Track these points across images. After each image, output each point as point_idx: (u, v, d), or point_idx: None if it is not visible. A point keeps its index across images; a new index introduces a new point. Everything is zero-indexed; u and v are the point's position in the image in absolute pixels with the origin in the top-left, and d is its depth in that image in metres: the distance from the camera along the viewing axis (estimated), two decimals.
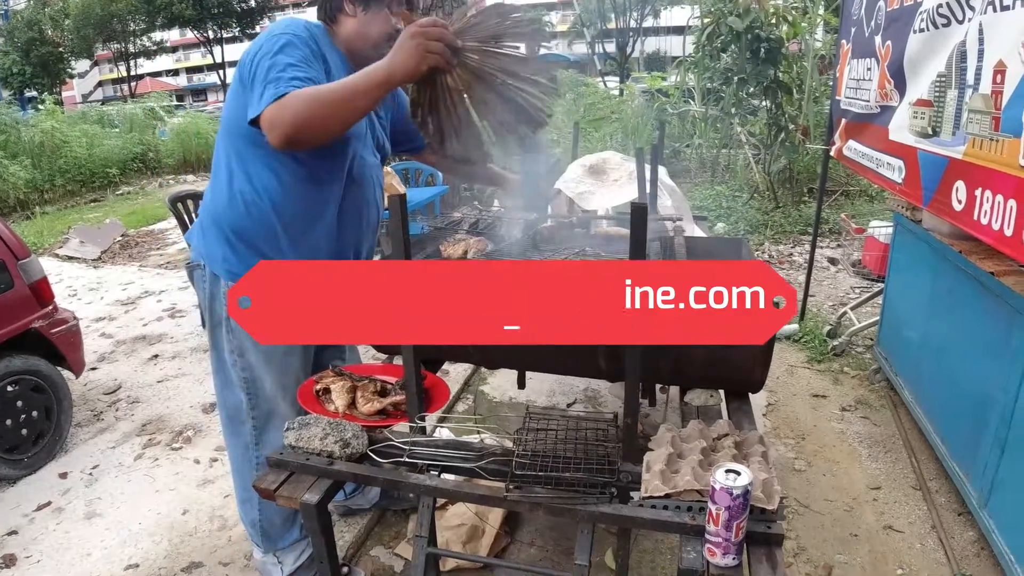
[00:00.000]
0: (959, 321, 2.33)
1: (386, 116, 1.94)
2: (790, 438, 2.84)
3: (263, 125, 1.43)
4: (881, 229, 3.38)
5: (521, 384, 2.70)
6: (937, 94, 2.08)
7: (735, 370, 1.54)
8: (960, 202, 1.93)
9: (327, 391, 1.71)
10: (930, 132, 2.15)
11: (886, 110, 2.59)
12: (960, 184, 1.92)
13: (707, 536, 1.13)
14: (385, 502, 2.43)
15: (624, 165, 3.08)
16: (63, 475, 2.76)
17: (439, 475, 1.44)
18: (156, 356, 3.98)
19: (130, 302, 5.01)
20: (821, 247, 4.22)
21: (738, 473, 1.10)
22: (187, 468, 2.79)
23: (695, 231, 2.63)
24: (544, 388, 3.35)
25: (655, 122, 7.66)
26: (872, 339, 3.56)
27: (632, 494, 1.32)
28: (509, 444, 1.48)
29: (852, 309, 3.78)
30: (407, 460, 1.43)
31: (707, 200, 6.75)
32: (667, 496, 1.25)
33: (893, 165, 2.50)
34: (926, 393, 2.62)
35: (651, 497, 1.25)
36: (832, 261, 5.14)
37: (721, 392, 1.73)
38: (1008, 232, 1.64)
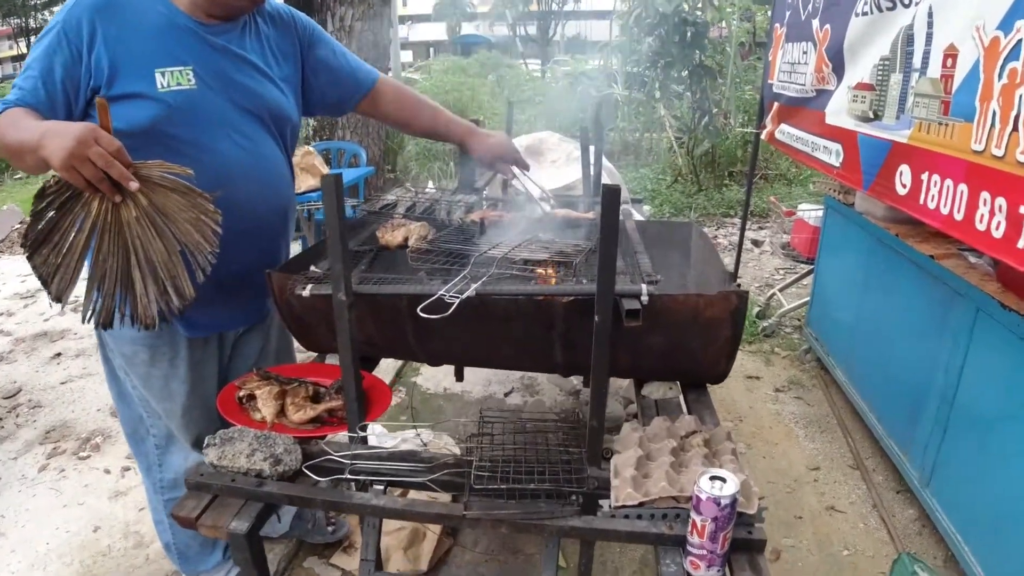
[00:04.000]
0: (894, 302, 2.36)
1: (286, 84, 1.58)
2: (728, 420, 2.84)
3: None
4: (811, 212, 3.43)
5: (459, 376, 2.57)
6: (880, 78, 2.07)
7: (698, 362, 1.47)
8: (904, 186, 1.92)
9: (252, 397, 1.52)
10: (871, 116, 2.14)
11: (823, 94, 2.59)
12: (905, 168, 1.92)
13: (689, 548, 1.05)
14: (298, 532, 2.12)
15: (562, 146, 2.99)
16: None
17: (384, 490, 1.30)
18: (59, 355, 3.62)
19: (29, 295, 4.57)
20: (746, 229, 4.32)
21: (724, 480, 1.01)
22: (96, 479, 2.52)
23: (633, 215, 2.56)
24: (480, 378, 3.24)
25: (584, 103, 7.61)
26: (800, 320, 3.63)
27: (601, 502, 1.22)
28: (454, 447, 1.35)
29: (780, 291, 3.85)
30: (348, 476, 1.27)
31: (632, 183, 6.77)
32: (640, 504, 1.16)
33: (830, 149, 2.50)
34: (860, 373, 2.66)
35: (623, 506, 1.16)
36: (756, 243, 5.25)
37: (678, 384, 1.66)
38: (958, 216, 1.64)
